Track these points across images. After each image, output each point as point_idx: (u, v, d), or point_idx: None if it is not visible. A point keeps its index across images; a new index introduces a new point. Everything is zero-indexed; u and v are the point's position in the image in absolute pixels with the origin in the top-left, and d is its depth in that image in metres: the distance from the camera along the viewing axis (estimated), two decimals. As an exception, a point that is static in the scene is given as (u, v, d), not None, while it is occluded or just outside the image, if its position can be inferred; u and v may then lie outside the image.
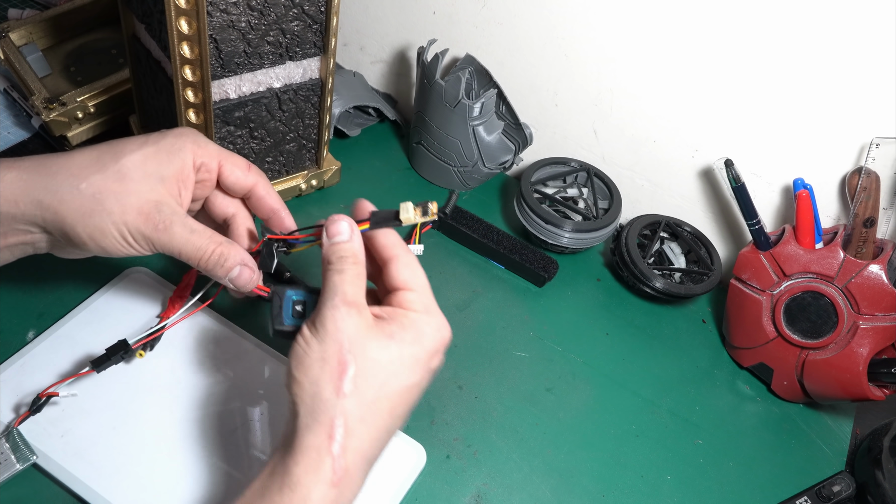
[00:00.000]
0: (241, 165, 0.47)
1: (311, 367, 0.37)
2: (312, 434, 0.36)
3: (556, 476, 0.54)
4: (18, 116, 0.71)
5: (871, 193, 0.60)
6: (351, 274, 0.40)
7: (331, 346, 0.37)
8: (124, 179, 0.41)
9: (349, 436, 0.37)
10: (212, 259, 0.43)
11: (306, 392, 0.37)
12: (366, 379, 0.37)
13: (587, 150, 0.76)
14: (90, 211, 0.41)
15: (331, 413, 0.37)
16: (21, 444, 0.45)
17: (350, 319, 0.38)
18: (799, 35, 0.59)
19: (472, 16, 0.74)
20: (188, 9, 0.48)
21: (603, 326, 0.67)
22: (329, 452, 0.36)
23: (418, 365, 0.40)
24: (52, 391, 0.47)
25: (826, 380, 0.60)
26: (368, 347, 0.38)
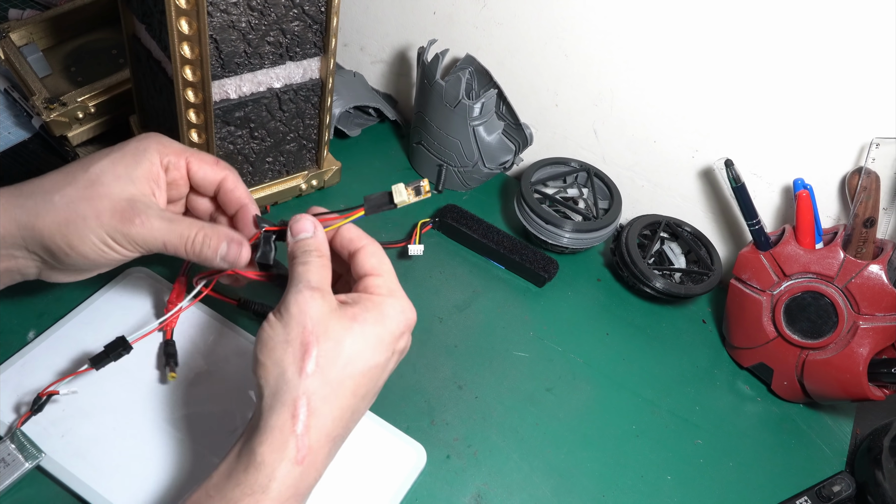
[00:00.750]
0: (209, 160, 0.47)
1: (274, 349, 0.38)
2: (276, 414, 0.37)
3: (556, 476, 0.54)
4: (19, 117, 0.71)
5: (871, 193, 0.60)
6: (315, 264, 0.41)
7: (294, 328, 0.38)
8: (94, 184, 0.42)
9: (312, 415, 0.37)
10: (196, 241, 0.43)
11: (270, 374, 0.38)
12: (329, 359, 0.38)
13: (587, 150, 0.76)
14: (65, 220, 0.41)
15: (294, 393, 0.37)
16: (27, 444, 0.45)
17: (313, 303, 0.39)
18: (799, 35, 0.59)
19: (472, 16, 0.74)
20: (188, 9, 0.48)
21: (603, 326, 0.67)
22: (293, 432, 0.37)
23: (382, 345, 0.40)
24: (52, 390, 0.47)
25: (826, 380, 0.60)
26: (331, 329, 0.39)
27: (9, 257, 0.42)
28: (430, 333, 0.62)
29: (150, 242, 0.42)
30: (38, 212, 0.41)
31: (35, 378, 0.50)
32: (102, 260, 0.42)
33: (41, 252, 0.42)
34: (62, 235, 0.41)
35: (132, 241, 0.42)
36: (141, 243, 0.42)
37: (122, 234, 0.41)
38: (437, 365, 0.59)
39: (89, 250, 0.41)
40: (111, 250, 0.42)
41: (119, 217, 0.41)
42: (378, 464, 0.51)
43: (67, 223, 0.41)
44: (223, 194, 0.47)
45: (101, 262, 0.43)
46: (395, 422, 0.53)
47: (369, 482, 0.50)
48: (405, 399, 0.56)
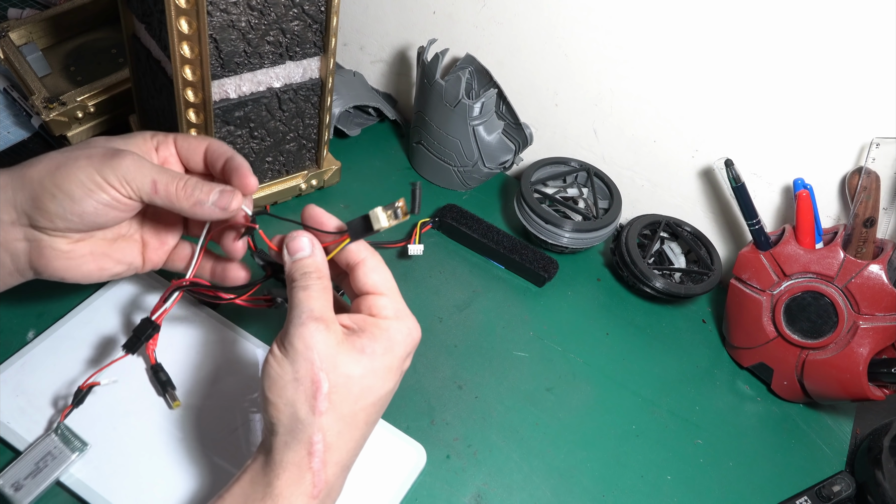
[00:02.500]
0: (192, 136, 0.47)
1: (284, 388, 0.38)
2: (292, 451, 0.37)
3: (556, 476, 0.54)
4: (18, 116, 0.71)
5: (871, 193, 0.60)
6: (316, 289, 0.40)
7: (302, 365, 0.38)
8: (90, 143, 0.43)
9: (328, 450, 0.38)
10: (189, 183, 0.42)
11: (283, 413, 0.38)
12: (340, 395, 0.38)
13: (587, 150, 0.76)
14: (57, 164, 0.41)
15: (309, 431, 0.37)
16: (71, 436, 0.46)
17: (319, 335, 0.38)
18: (799, 35, 0.59)
19: (472, 16, 0.74)
20: (188, 8, 0.48)
21: (603, 326, 0.67)
22: (309, 468, 0.37)
23: (391, 373, 0.40)
24: (94, 381, 0.47)
25: (826, 380, 0.60)
26: (340, 363, 0.38)
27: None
28: (430, 333, 0.62)
29: (139, 179, 0.41)
30: (33, 162, 0.42)
31: (35, 378, 0.50)
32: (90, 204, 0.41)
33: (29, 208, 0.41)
34: (51, 176, 0.41)
35: (121, 177, 0.41)
36: (130, 180, 0.41)
37: (111, 168, 0.41)
38: (437, 365, 0.59)
39: (77, 187, 0.41)
40: (98, 187, 0.41)
41: (110, 155, 0.41)
42: (378, 464, 0.51)
43: (58, 166, 0.41)
44: (209, 155, 0.46)
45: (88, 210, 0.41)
46: (395, 422, 0.53)
47: (369, 482, 0.50)
48: (405, 399, 0.56)
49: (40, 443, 0.45)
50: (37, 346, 0.51)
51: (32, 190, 0.41)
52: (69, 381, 0.50)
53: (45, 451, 0.45)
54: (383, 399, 0.40)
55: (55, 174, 0.41)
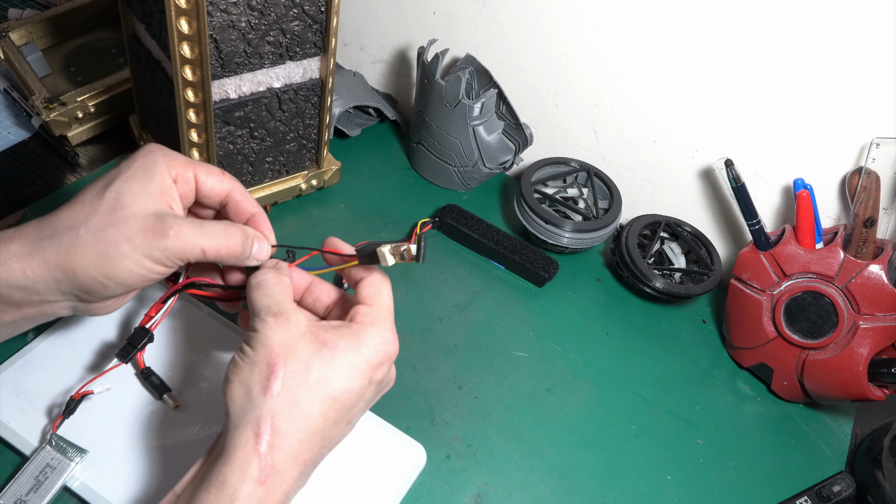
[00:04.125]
0: (216, 172, 0.46)
1: (242, 369, 0.38)
2: (240, 433, 0.37)
3: (556, 476, 0.54)
4: (18, 116, 0.71)
5: (871, 193, 0.60)
6: (269, 283, 0.41)
7: (260, 350, 0.38)
8: (115, 208, 0.40)
9: (276, 434, 0.37)
10: (237, 239, 0.43)
11: (237, 393, 0.38)
12: (296, 381, 0.38)
13: (587, 150, 0.76)
14: (97, 252, 0.39)
15: (258, 412, 0.37)
16: (66, 446, 0.46)
17: (279, 328, 0.39)
18: (799, 35, 0.59)
19: (472, 16, 0.74)
20: (188, 9, 0.48)
21: (603, 326, 0.67)
22: (256, 451, 0.36)
23: (355, 371, 0.39)
24: (87, 390, 0.47)
25: (826, 380, 0.60)
26: (300, 351, 0.38)
27: (42, 302, 0.41)
28: (430, 333, 0.62)
29: (187, 252, 0.41)
30: (68, 249, 0.39)
31: (35, 378, 0.50)
32: (141, 283, 0.41)
33: (76, 291, 0.40)
34: (97, 268, 0.39)
35: (170, 254, 0.40)
36: (179, 254, 0.41)
37: (160, 250, 0.40)
38: (437, 365, 0.59)
39: (128, 275, 0.40)
40: (150, 271, 0.41)
41: (151, 234, 0.40)
42: (378, 464, 0.51)
43: (100, 255, 0.39)
44: (233, 205, 0.46)
45: (139, 283, 0.41)
46: (395, 422, 0.53)
47: (369, 482, 0.50)
48: (405, 399, 0.56)
49: (36, 456, 0.45)
50: (37, 346, 0.51)
51: (79, 282, 0.40)
52: (69, 382, 0.50)
53: (44, 463, 0.45)
54: (345, 397, 0.39)
55: (102, 266, 0.39)
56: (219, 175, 0.46)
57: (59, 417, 0.47)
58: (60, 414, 0.47)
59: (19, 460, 0.47)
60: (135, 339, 0.45)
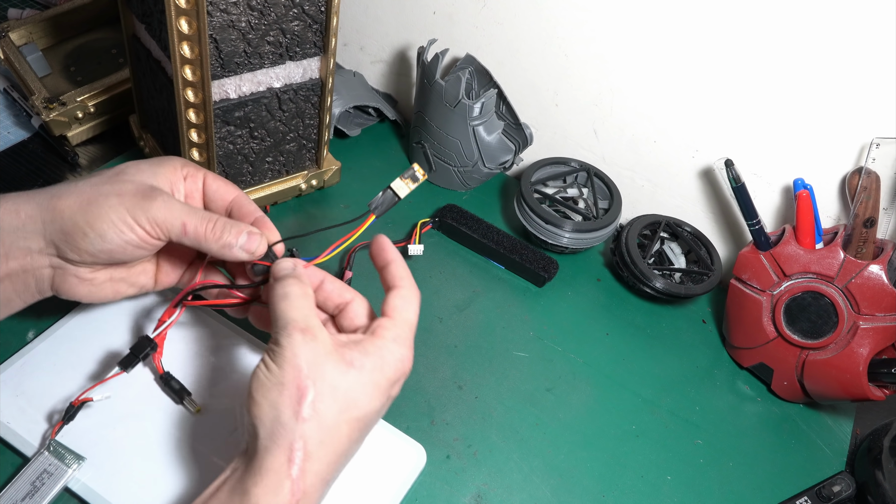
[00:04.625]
0: (222, 179, 0.48)
1: (270, 390, 0.38)
2: (272, 457, 0.37)
3: (556, 476, 0.54)
4: (18, 116, 0.71)
5: (871, 193, 0.60)
6: (295, 296, 0.41)
7: (289, 371, 0.38)
8: (119, 173, 0.43)
9: (308, 459, 0.37)
10: (218, 225, 0.43)
11: (266, 415, 0.38)
12: (325, 404, 0.38)
13: (587, 150, 0.76)
14: (87, 199, 0.41)
15: (290, 437, 0.37)
16: (64, 452, 0.45)
17: (306, 346, 0.39)
18: (799, 35, 0.59)
19: (472, 16, 0.74)
20: (188, 9, 0.48)
21: (603, 326, 0.67)
22: (288, 475, 0.37)
23: (378, 391, 0.40)
24: (86, 397, 0.47)
25: (826, 380, 0.60)
26: (327, 373, 0.38)
27: (24, 251, 0.42)
28: (430, 333, 0.62)
29: (169, 221, 0.42)
30: (62, 193, 0.42)
31: (35, 378, 0.50)
32: (119, 241, 0.42)
33: (58, 238, 0.42)
34: (82, 212, 0.41)
35: (151, 218, 0.42)
36: (161, 222, 0.42)
37: (142, 210, 0.41)
38: (437, 365, 0.59)
39: (108, 227, 0.41)
40: (129, 229, 0.42)
41: (141, 196, 0.42)
42: (378, 464, 0.51)
43: (89, 202, 0.41)
44: (236, 209, 0.48)
45: (116, 246, 0.42)
46: (395, 422, 0.53)
47: (369, 482, 0.50)
48: (405, 399, 0.56)
49: (34, 462, 0.45)
50: (37, 346, 0.51)
51: (63, 224, 0.41)
52: (70, 382, 0.50)
53: (41, 469, 0.45)
54: (368, 417, 0.40)
55: (87, 211, 0.41)
56: (225, 181, 0.48)
57: (59, 423, 0.46)
58: (60, 420, 0.46)
59: (19, 460, 0.47)
60: (138, 348, 0.46)
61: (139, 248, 0.43)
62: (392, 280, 0.44)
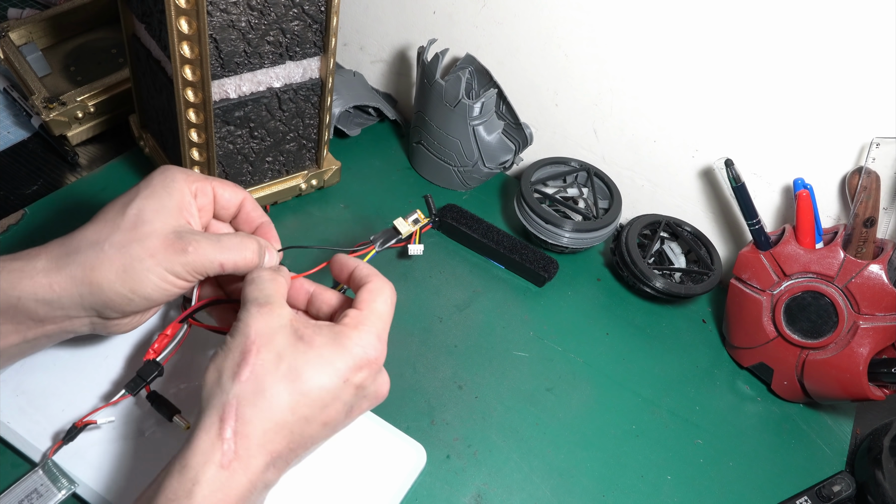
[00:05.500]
0: (230, 185, 0.48)
1: (218, 355, 0.39)
2: (206, 417, 0.37)
3: (556, 476, 0.54)
4: (18, 116, 0.71)
5: (872, 193, 0.60)
6: (262, 280, 0.42)
7: (238, 338, 0.39)
8: (137, 225, 0.42)
9: (241, 421, 0.37)
10: (252, 250, 0.44)
11: (210, 378, 0.38)
12: (265, 367, 0.38)
13: (587, 150, 0.76)
14: (121, 267, 0.41)
15: (225, 397, 0.37)
16: (58, 474, 0.45)
17: (260, 318, 0.39)
18: (799, 35, 0.59)
19: (472, 15, 0.74)
20: (188, 8, 0.48)
21: (603, 326, 0.67)
22: (220, 436, 0.36)
23: (329, 368, 0.39)
24: (90, 419, 0.47)
25: (826, 380, 0.60)
26: (275, 341, 0.39)
27: (65, 318, 0.42)
28: (430, 333, 0.62)
29: (206, 266, 0.42)
30: (93, 264, 0.41)
31: (35, 378, 0.50)
32: (164, 297, 0.42)
33: (99, 306, 0.41)
34: (122, 282, 0.41)
35: (190, 269, 0.42)
36: (199, 269, 0.42)
37: (181, 265, 0.41)
38: (437, 365, 0.59)
39: (152, 290, 0.41)
40: (172, 285, 0.42)
41: (172, 250, 0.41)
42: (378, 464, 0.51)
43: (125, 269, 0.41)
44: (244, 214, 0.48)
45: (161, 300, 0.43)
46: (395, 422, 0.53)
47: (369, 482, 0.50)
48: (405, 399, 0.56)
49: (26, 479, 0.45)
50: (37, 346, 0.51)
51: (103, 296, 0.41)
52: (69, 382, 0.50)
53: (31, 488, 0.44)
54: (318, 394, 0.39)
55: (126, 280, 0.41)
56: (233, 187, 0.48)
57: (59, 443, 0.46)
58: (60, 440, 0.46)
59: (19, 461, 0.47)
60: (145, 371, 0.45)
61: (179, 294, 0.44)
62: (359, 280, 0.44)
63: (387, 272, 0.45)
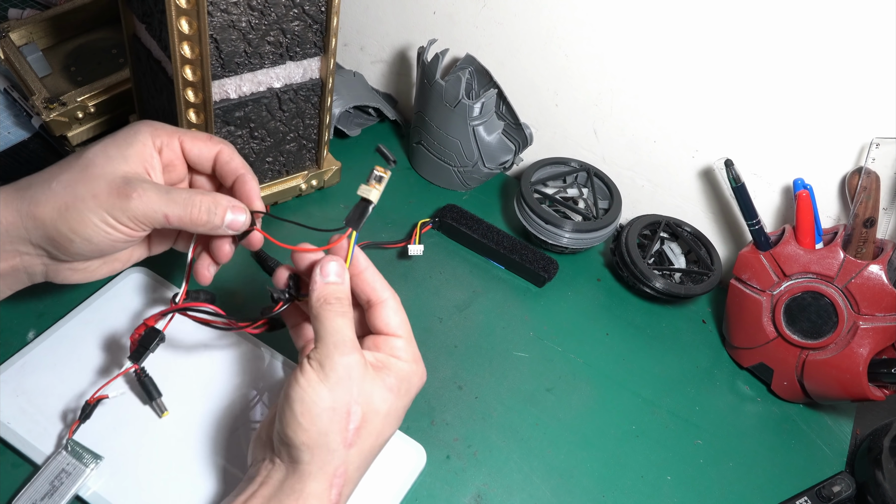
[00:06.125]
0: (202, 137, 0.47)
1: (319, 416, 0.38)
2: (316, 482, 0.38)
3: (556, 476, 0.54)
4: (19, 116, 0.71)
5: (871, 193, 0.60)
6: (349, 317, 0.41)
7: (341, 395, 0.39)
8: (88, 167, 0.42)
9: (346, 484, 0.40)
10: (202, 207, 0.43)
11: (313, 441, 0.38)
12: (368, 430, 0.40)
13: (587, 150, 0.76)
14: (64, 205, 0.41)
15: (335, 463, 0.39)
16: (82, 451, 0.46)
17: (358, 369, 0.40)
18: (799, 35, 0.59)
19: (472, 16, 0.74)
20: (188, 9, 0.48)
21: (603, 326, 0.67)
22: (328, 499, 0.39)
23: (402, 414, 0.43)
24: (102, 394, 0.47)
25: (826, 380, 0.60)
26: (374, 399, 0.40)
27: (13, 253, 0.42)
28: (430, 333, 0.62)
29: (150, 216, 0.42)
30: (38, 200, 0.41)
31: (35, 378, 0.50)
32: (106, 241, 0.42)
33: (45, 244, 0.42)
34: (63, 220, 0.41)
35: (132, 216, 0.41)
36: (141, 217, 0.41)
37: (121, 210, 0.41)
38: (437, 365, 0.59)
39: (92, 232, 0.41)
40: (113, 229, 0.41)
41: (116, 193, 0.41)
42: (378, 464, 0.50)
43: (67, 207, 0.41)
44: (219, 167, 0.47)
45: (105, 245, 0.42)
46: (395, 422, 0.53)
47: (369, 482, 0.49)
48: (405, 399, 0.56)
49: (52, 461, 0.45)
50: (37, 346, 0.51)
51: (46, 232, 0.41)
52: (69, 382, 0.50)
53: (59, 468, 0.45)
54: (389, 438, 0.42)
55: (67, 218, 0.41)
56: (205, 140, 0.46)
57: (76, 422, 0.46)
58: (76, 418, 0.46)
59: (19, 461, 0.47)
60: (146, 340, 0.45)
61: (127, 242, 0.43)
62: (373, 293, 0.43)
63: (387, 272, 0.45)
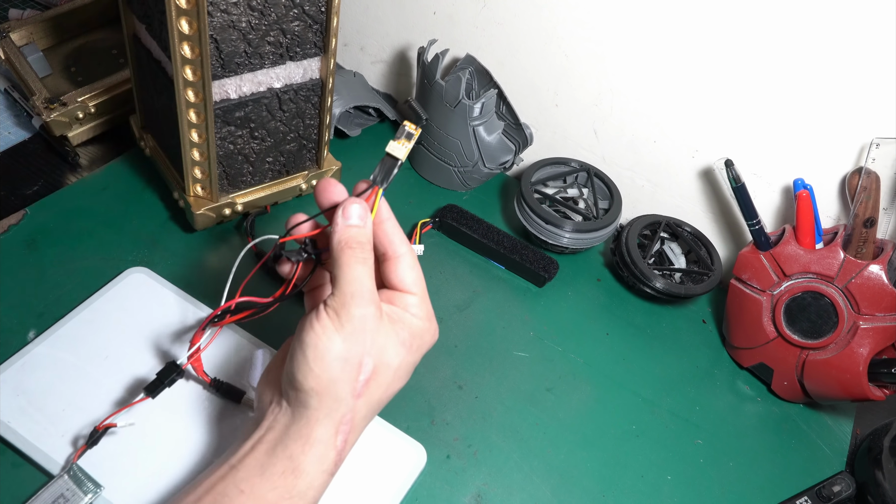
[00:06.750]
0: None
1: (331, 364, 0.38)
2: (324, 428, 0.38)
3: (556, 476, 0.54)
4: (19, 116, 0.71)
5: (871, 193, 0.60)
6: (370, 264, 0.40)
7: (354, 346, 0.38)
8: None
9: (352, 431, 0.40)
10: None
11: (323, 387, 0.38)
12: (378, 383, 0.40)
13: (587, 150, 0.76)
14: None
15: (342, 411, 0.39)
16: (84, 479, 0.45)
17: (373, 321, 0.39)
18: (799, 35, 0.59)
19: (472, 16, 0.74)
20: (188, 9, 0.48)
21: (603, 326, 0.67)
22: (334, 446, 0.39)
23: (412, 369, 0.42)
24: (110, 422, 0.47)
25: (826, 380, 0.60)
26: (386, 352, 0.40)
27: None
28: (430, 333, 0.62)
29: None
30: None
31: (35, 378, 0.50)
32: None
33: None
34: None
35: None
36: None
37: None
38: (437, 365, 0.59)
39: None
40: None
41: None
42: (378, 464, 0.51)
43: None
44: None
45: None
46: (395, 422, 0.53)
47: (369, 482, 0.50)
48: (405, 399, 0.56)
49: (53, 484, 0.45)
50: (37, 346, 0.51)
51: None
52: (70, 382, 0.50)
53: (58, 493, 0.44)
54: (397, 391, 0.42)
55: None
56: None
57: (82, 447, 0.46)
58: (84, 444, 0.46)
59: (20, 460, 0.47)
60: (164, 374, 0.46)
61: None
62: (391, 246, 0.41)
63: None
